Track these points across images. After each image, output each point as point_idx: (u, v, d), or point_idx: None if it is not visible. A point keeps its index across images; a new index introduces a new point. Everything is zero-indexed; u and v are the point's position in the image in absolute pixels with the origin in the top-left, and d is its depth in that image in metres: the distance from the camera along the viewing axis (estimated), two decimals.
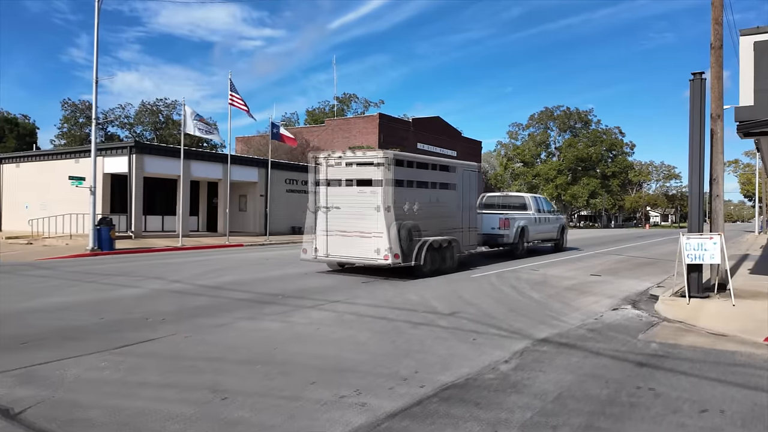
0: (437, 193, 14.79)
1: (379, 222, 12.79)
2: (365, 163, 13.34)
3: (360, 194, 13.27)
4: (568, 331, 7.76)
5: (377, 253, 12.73)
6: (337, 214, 13.55)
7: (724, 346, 7.07)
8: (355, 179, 13.45)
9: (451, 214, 15.33)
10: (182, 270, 13.88)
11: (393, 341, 6.82)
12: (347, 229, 13.40)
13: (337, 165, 13.70)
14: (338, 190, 13.63)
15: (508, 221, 19.31)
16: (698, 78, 11.20)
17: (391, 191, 12.90)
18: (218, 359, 5.88)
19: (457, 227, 15.62)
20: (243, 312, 8.35)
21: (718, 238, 10.43)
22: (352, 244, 13.27)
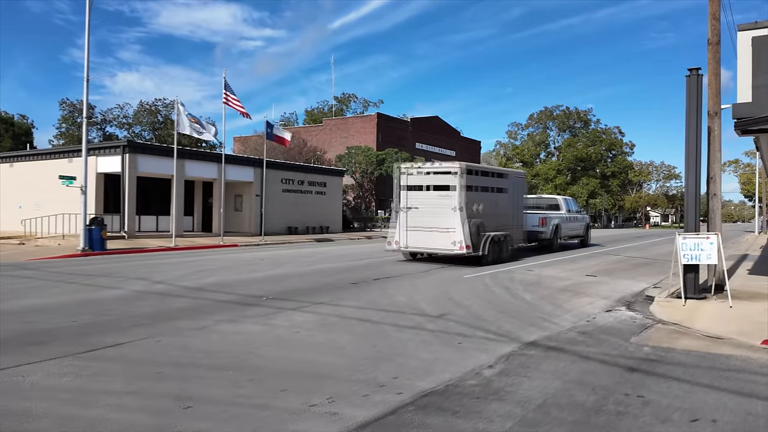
0: (495, 196, 17.96)
1: (455, 220, 15.75)
2: (443, 172, 16.52)
3: (439, 197, 16.30)
4: (559, 333, 7.50)
5: (453, 244, 15.68)
6: (416, 214, 16.61)
7: (719, 349, 6.81)
8: (432, 185, 16.53)
9: (505, 213, 18.47)
10: (169, 271, 13.62)
11: (374, 345, 6.56)
12: (425, 225, 16.38)
13: (418, 173, 16.87)
14: (417, 194, 16.74)
15: (545, 220, 22.36)
16: (695, 74, 10.95)
17: (464, 195, 15.92)
18: (189, 365, 5.62)
19: (510, 225, 18.59)
20: (224, 314, 8.08)
21: (715, 237, 10.17)
22: (430, 237, 16.26)
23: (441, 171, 16.69)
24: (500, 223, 17.90)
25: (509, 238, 18.00)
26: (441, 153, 60.53)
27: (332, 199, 38.37)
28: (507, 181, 19.05)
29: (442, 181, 16.43)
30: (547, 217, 22.66)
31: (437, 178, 16.62)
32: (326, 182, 37.72)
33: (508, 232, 18.05)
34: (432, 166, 17.21)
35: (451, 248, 15.82)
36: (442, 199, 16.23)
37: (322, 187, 37.32)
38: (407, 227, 16.72)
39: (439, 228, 16.12)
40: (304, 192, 35.79)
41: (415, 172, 17.03)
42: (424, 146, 57.31)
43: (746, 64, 11.57)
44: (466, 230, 15.63)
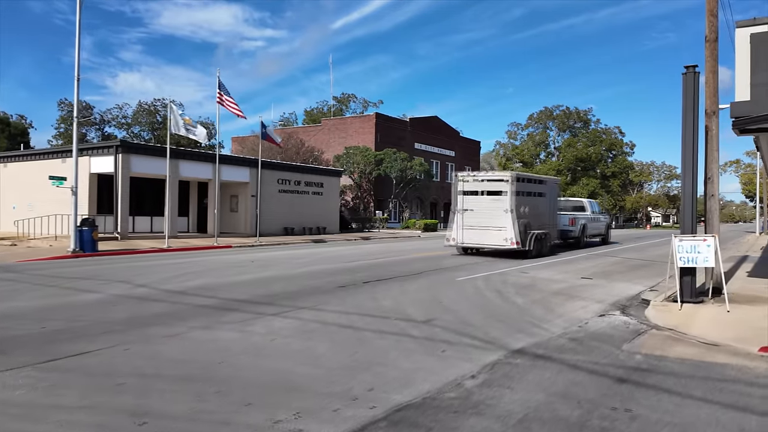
0: (537, 200, 20.83)
1: (506, 220, 18.74)
2: (496, 179, 19.61)
3: (492, 201, 19.28)
4: (548, 340, 7.21)
5: (505, 241, 18.73)
6: (471, 215, 19.65)
7: (714, 357, 6.51)
8: (485, 191, 19.58)
9: (544, 214, 21.36)
10: (155, 273, 13.34)
11: (353, 354, 6.27)
12: (480, 224, 19.38)
13: (473, 181, 19.95)
14: (472, 198, 19.79)
15: (574, 220, 25.47)
16: (691, 71, 10.66)
17: (514, 199, 18.88)
18: (154, 376, 5.33)
19: (548, 224, 21.50)
20: (201, 320, 7.80)
21: (712, 240, 9.87)
22: (484, 235, 19.36)
23: (494, 179, 19.77)
24: (541, 223, 20.79)
25: (548, 235, 21.14)
26: (440, 153, 60.22)
27: (329, 200, 38.09)
28: (545, 187, 22.08)
29: (494, 188, 19.43)
30: (576, 217, 25.68)
31: (490, 184, 19.64)
32: (323, 183, 37.44)
33: (548, 231, 21.13)
34: (486, 175, 20.23)
35: (503, 244, 18.91)
36: (495, 202, 19.23)
37: (319, 188, 37.04)
38: (463, 226, 19.81)
39: (492, 227, 19.15)
40: (301, 192, 35.51)
41: (470, 180, 20.09)
42: (423, 146, 56.99)
43: (745, 61, 11.29)
44: (516, 229, 18.58)
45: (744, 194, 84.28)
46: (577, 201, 29.11)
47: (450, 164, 62.50)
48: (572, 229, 25.39)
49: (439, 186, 60.26)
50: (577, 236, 25.66)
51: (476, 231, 19.57)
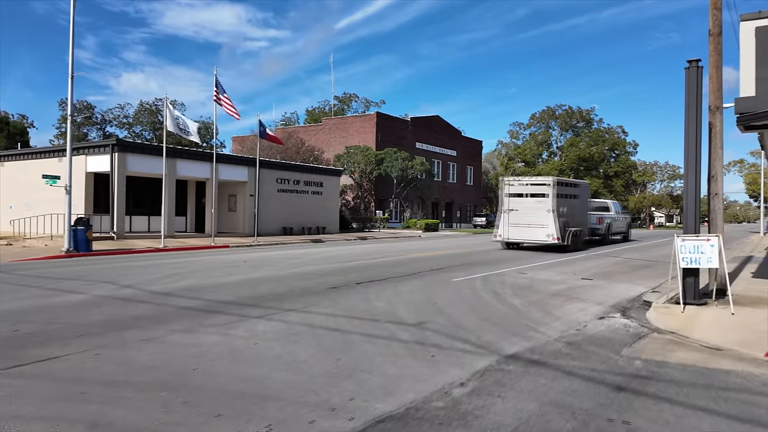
0: (572, 201, 23.89)
1: (549, 219, 21.67)
2: (539, 183, 22.62)
3: (536, 202, 22.27)
4: (543, 344, 6.89)
5: (548, 236, 21.70)
6: (516, 214, 22.72)
7: (718, 363, 6.19)
8: (529, 193, 22.66)
9: (578, 214, 24.35)
10: (144, 273, 13.05)
11: (338, 359, 5.96)
12: (524, 222, 22.45)
13: (519, 184, 23.20)
14: (517, 200, 22.87)
15: (602, 219, 28.59)
16: (694, 66, 10.32)
17: (555, 200, 21.80)
18: (122, 383, 5.04)
19: (581, 222, 24.58)
20: (182, 323, 7.49)
21: (716, 240, 9.53)
22: (528, 231, 22.41)
23: (537, 183, 22.80)
24: (576, 221, 23.76)
25: (582, 232, 24.33)
26: (441, 153, 59.87)
27: (329, 200, 37.78)
28: (579, 190, 25.27)
29: (538, 190, 22.42)
30: (603, 217, 28.87)
31: (534, 188, 22.68)
32: (323, 182, 37.14)
33: (581, 228, 24.21)
34: (530, 179, 23.72)
35: (545, 239, 21.87)
36: (539, 203, 22.15)
37: (319, 187, 36.74)
38: (509, 224, 22.87)
39: (535, 224, 22.09)
40: (300, 192, 35.22)
41: (516, 183, 23.35)
42: (424, 146, 56.65)
43: (749, 55, 10.95)
44: (557, 226, 21.46)
45: (748, 194, 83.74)
46: (602, 202, 32.30)
47: (451, 164, 62.16)
48: (600, 227, 28.39)
49: (441, 186, 59.92)
50: (603, 234, 28.73)
51: (521, 228, 22.62)
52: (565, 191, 23.41)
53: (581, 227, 24.27)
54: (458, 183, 63.71)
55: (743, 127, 11.05)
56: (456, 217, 63.24)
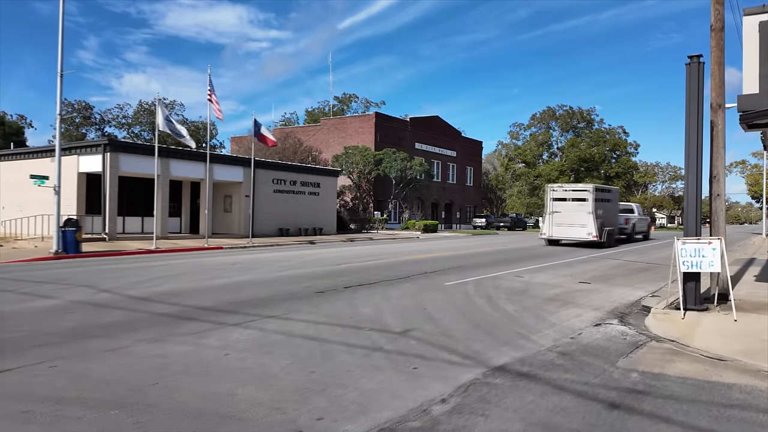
0: (606, 205, 27.83)
1: (588, 220, 25.84)
2: (581, 189, 27.03)
3: (577, 205, 26.41)
4: (535, 354, 6.49)
5: (588, 234, 25.86)
6: (559, 216, 26.98)
7: (720, 376, 5.78)
8: (571, 198, 26.86)
9: (611, 215, 28.38)
10: (127, 276, 12.65)
11: (312, 372, 5.56)
12: (566, 222, 26.68)
13: (562, 191, 27.51)
14: (560, 203, 27.07)
15: (628, 220, 32.59)
16: (695, 61, 9.91)
17: (594, 204, 25.99)
18: (71, 400, 4.63)
19: (613, 223, 28.75)
20: (153, 331, 7.09)
21: (717, 243, 9.12)
22: (569, 230, 26.67)
23: (579, 189, 27.31)
24: (609, 222, 27.82)
25: (614, 231, 28.67)
26: (441, 153, 59.45)
27: (326, 200, 37.38)
28: (611, 195, 29.40)
29: (579, 195, 26.73)
30: (629, 218, 32.91)
31: (575, 193, 27.06)
32: (320, 183, 36.74)
33: (614, 228, 28.54)
34: (572, 186, 28.24)
35: (585, 237, 26.02)
36: (580, 206, 26.36)
37: (316, 188, 36.35)
38: (553, 224, 27.20)
39: (576, 224, 26.32)
40: (297, 193, 34.82)
41: (559, 190, 27.73)
42: (423, 146, 56.25)
43: (753, 51, 10.55)
44: (596, 226, 25.61)
45: (750, 195, 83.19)
46: (627, 205, 35.72)
47: (451, 164, 61.74)
48: (626, 227, 32.40)
49: (440, 186, 59.49)
50: (629, 232, 32.89)
51: (563, 227, 26.90)
52: (601, 196, 27.39)
53: (613, 227, 28.61)
54: (458, 184, 63.29)
55: (746, 126, 10.65)
56: (456, 218, 62.82)
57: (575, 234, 26.50)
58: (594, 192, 26.32)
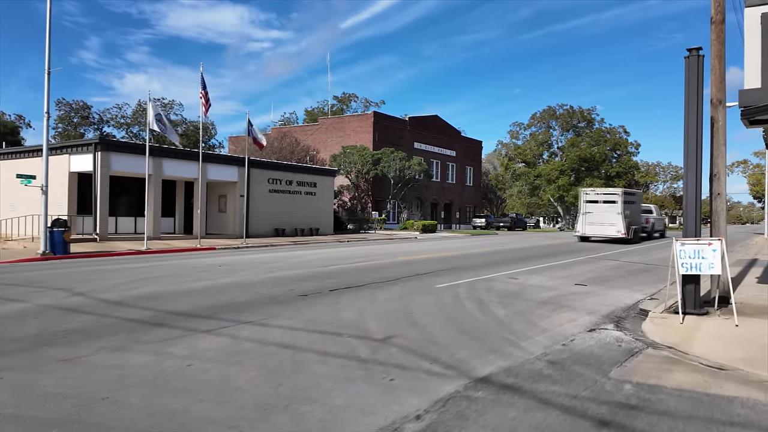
0: (632, 206, 32.15)
1: (618, 219, 30.08)
2: (611, 194, 31.48)
3: (608, 207, 30.65)
4: (522, 364, 6.08)
5: (617, 232, 30.05)
6: (590, 216, 31.23)
7: (720, 388, 5.37)
8: (602, 200, 31.08)
9: (635, 216, 32.56)
10: (108, 278, 12.24)
11: (279, 385, 5.15)
12: (597, 222, 30.88)
13: (595, 194, 31.96)
14: (592, 205, 31.37)
15: (648, 219, 36.69)
16: (695, 54, 9.50)
17: (623, 206, 30.25)
18: (8, 418, 4.22)
19: (637, 222, 32.95)
20: (117, 338, 6.68)
21: (718, 244, 8.71)
22: (600, 228, 30.79)
23: (609, 193, 31.99)
24: (634, 221, 32.02)
25: (638, 229, 32.86)
26: (440, 153, 59.03)
27: (323, 200, 36.96)
28: (635, 197, 33.99)
29: (609, 198, 31.23)
30: (648, 217, 36.97)
31: (606, 196, 31.53)
32: (316, 182, 36.33)
33: (638, 226, 32.68)
34: (603, 190, 32.85)
35: (615, 234, 30.37)
36: (610, 208, 30.74)
37: (312, 188, 35.93)
38: (586, 223, 31.60)
39: (606, 223, 30.65)
40: (293, 193, 34.41)
41: (592, 193, 32.47)
42: (422, 146, 55.84)
43: (755, 45, 10.14)
44: (624, 224, 29.87)
45: (752, 195, 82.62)
46: (647, 206, 39.38)
47: (450, 164, 61.31)
48: (647, 225, 36.39)
49: (440, 186, 59.06)
50: (649, 231, 36.74)
51: (595, 226, 31.26)
52: (628, 198, 31.79)
53: (638, 225, 32.90)
54: (457, 183, 62.86)
55: (748, 122, 10.22)
56: (455, 218, 62.38)
57: (606, 232, 30.81)
58: (622, 195, 30.95)
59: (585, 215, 31.58)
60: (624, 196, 30.85)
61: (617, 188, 34.41)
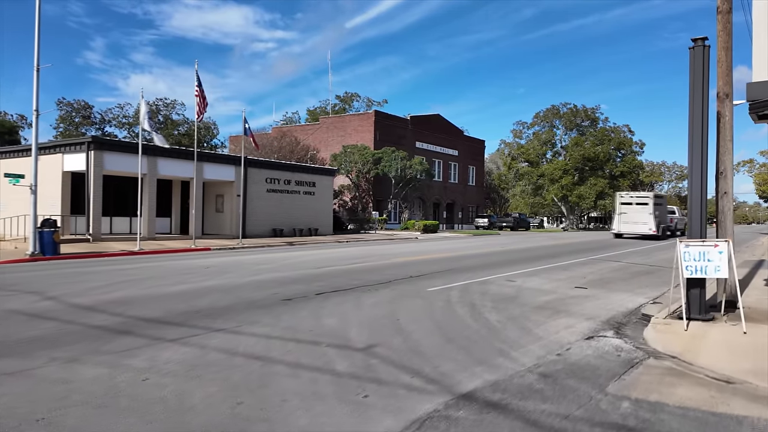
0: (660, 207, 37.66)
1: (650, 219, 36.72)
2: (643, 197, 38.61)
3: (640, 208, 37.46)
4: (512, 377, 5.58)
5: (649, 230, 36.65)
6: (625, 216, 37.84)
7: (728, 405, 4.87)
8: (635, 202, 37.78)
9: (663, 216, 37.82)
10: (87, 281, 11.77)
11: (238, 403, 4.66)
12: (631, 221, 37.43)
13: (629, 198, 38.65)
14: (627, 206, 37.94)
15: (672, 219, 42.14)
16: (700, 45, 9.00)
17: (654, 207, 37.25)
18: None
19: (664, 221, 38.06)
20: (76, 348, 6.20)
21: (724, 245, 8.18)
22: (634, 227, 37.28)
23: (641, 196, 38.15)
24: (662, 220, 37.44)
25: (665, 228, 37.83)
26: (442, 152, 58.48)
27: (322, 200, 36.48)
28: (663, 200, 39.53)
29: (642, 201, 37.57)
30: (672, 217, 42.33)
31: (639, 199, 37.74)
32: (315, 182, 35.85)
33: (666, 225, 38.04)
34: (637, 194, 38.87)
35: (647, 232, 36.32)
36: (642, 209, 37.03)
37: (311, 187, 35.45)
38: (621, 222, 37.98)
39: (639, 222, 36.77)
40: (291, 192, 33.94)
41: (626, 196, 38.55)
42: (424, 145, 55.29)
43: (763, 35, 9.61)
44: (655, 223, 35.39)
45: (758, 194, 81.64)
46: (671, 208, 44.79)
47: (453, 164, 60.74)
48: (671, 225, 41.29)
49: (442, 186, 58.49)
50: (673, 229, 41.54)
51: (629, 224, 37.70)
52: (657, 201, 37.80)
53: (665, 224, 38.34)
54: (460, 183, 62.29)
55: (756, 116, 9.68)
56: (458, 218, 61.81)
57: (639, 229, 37.30)
58: (653, 198, 37.82)
59: (620, 215, 38.37)
60: (654, 198, 36.89)
61: (649, 192, 42.00)
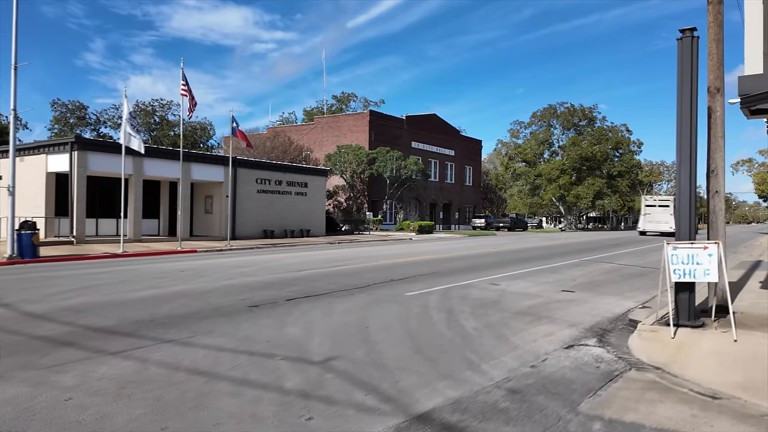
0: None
1: (671, 219, 43.93)
2: (665, 199, 48.36)
3: (663, 209, 47.01)
4: (476, 393, 5.10)
5: (671, 228, 41.73)
6: (648, 216, 47.87)
7: (711, 426, 4.40)
8: (658, 204, 47.92)
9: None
10: (51, 286, 11.28)
11: (162, 429, 4.17)
12: (654, 220, 47.01)
13: (652, 200, 49.14)
14: (651, 208, 48.17)
15: None
16: (689, 36, 8.49)
17: (673, 208, 41.85)
18: None
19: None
20: (7, 362, 5.71)
21: (714, 247, 7.70)
22: (657, 225, 46.41)
23: (664, 199, 47.32)
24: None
25: None
26: (439, 152, 57.99)
27: (314, 201, 35.99)
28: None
29: (664, 203, 46.58)
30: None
31: (661, 201, 47.01)
32: (307, 182, 35.36)
33: None
34: (660, 197, 48.62)
35: (669, 230, 41.52)
36: (664, 210, 45.51)
37: (303, 188, 34.96)
38: (645, 221, 46.81)
39: (662, 222, 44.96)
40: (282, 193, 33.45)
41: (650, 199, 48.30)
42: (420, 145, 54.80)
43: (756, 27, 9.20)
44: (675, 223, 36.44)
45: (757, 194, 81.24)
46: None
47: (449, 164, 60.26)
48: None
49: (438, 186, 58.01)
50: None
51: (653, 223, 45.45)
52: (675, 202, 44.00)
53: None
54: (456, 183, 61.80)
55: (748, 111, 9.25)
56: (454, 218, 61.33)
57: (661, 228, 44.36)
58: (672, 200, 43.35)
59: (645, 216, 46.72)
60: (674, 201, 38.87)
61: (670, 195, 48.07)
